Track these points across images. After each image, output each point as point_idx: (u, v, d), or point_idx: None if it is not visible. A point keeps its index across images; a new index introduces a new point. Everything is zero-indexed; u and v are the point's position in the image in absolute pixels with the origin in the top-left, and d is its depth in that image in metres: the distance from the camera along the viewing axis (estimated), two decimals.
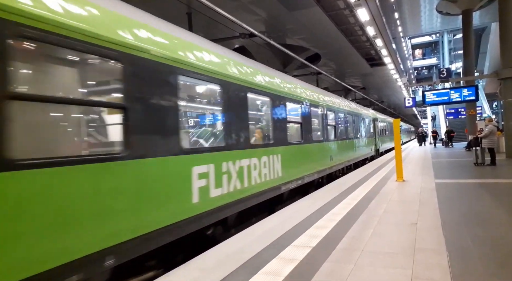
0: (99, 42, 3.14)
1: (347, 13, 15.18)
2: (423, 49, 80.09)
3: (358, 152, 15.27)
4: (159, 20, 4.41)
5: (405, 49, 45.54)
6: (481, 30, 44.00)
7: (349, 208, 6.12)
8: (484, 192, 7.30)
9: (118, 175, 3.24)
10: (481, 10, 25.98)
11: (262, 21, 14.37)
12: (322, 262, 3.55)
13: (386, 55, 20.73)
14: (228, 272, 3.38)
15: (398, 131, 9.95)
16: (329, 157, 10.59)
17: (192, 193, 4.24)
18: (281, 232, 4.74)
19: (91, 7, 3.21)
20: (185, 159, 4.17)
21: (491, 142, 12.46)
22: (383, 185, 8.67)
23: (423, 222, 4.95)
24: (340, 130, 12.26)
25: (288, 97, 7.73)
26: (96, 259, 2.96)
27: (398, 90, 36.02)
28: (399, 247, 3.91)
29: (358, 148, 15.48)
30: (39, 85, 3.25)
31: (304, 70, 19.07)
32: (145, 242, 3.48)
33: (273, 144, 6.83)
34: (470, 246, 3.88)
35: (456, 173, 10.82)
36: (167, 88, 3.96)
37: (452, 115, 31.57)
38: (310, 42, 17.67)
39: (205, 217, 4.47)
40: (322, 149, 10.08)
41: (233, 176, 5.15)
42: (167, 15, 6.55)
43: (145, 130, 3.62)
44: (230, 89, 5.34)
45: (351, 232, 4.60)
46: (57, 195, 2.69)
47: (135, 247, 3.37)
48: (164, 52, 3.98)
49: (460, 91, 18.21)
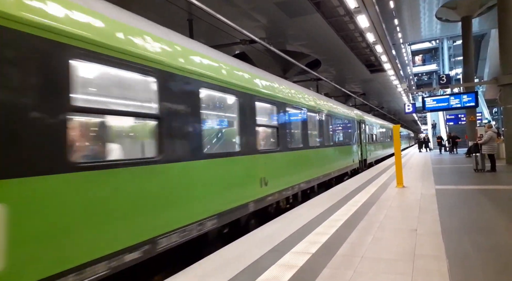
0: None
1: (347, 20, 15.30)
2: (423, 55, 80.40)
3: (325, 166, 10.66)
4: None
5: (405, 55, 45.71)
6: (481, 37, 44.19)
7: (349, 214, 6.11)
8: (484, 198, 7.30)
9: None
10: (481, 17, 26.13)
11: (263, 28, 14.49)
12: (322, 268, 3.55)
13: (386, 61, 20.82)
14: (228, 278, 3.38)
15: (398, 137, 9.97)
16: (260, 181, 6.32)
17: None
18: (281, 238, 4.73)
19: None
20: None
21: (491, 148, 12.46)
22: (383, 191, 8.66)
23: (423, 228, 4.95)
24: (288, 135, 7.85)
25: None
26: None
27: (398, 96, 36.13)
28: (399, 254, 3.90)
29: (326, 161, 10.99)
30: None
31: (304, 76, 19.16)
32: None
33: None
34: (470, 252, 3.88)
35: (456, 179, 10.81)
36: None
37: (452, 121, 31.59)
38: (310, 48, 17.78)
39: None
40: (244, 168, 5.98)
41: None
42: (168, 21, 6.62)
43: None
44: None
45: (351, 238, 4.60)
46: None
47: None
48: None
49: (460, 97, 18.26)
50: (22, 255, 2.48)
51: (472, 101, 17.75)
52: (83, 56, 3.08)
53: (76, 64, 3.03)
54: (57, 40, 2.85)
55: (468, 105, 18.32)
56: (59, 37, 2.86)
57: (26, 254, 2.51)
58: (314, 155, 9.74)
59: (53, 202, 2.73)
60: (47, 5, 2.81)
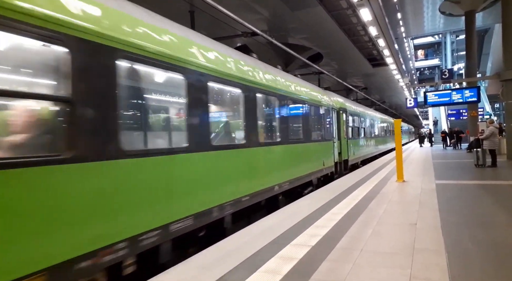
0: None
1: (349, 13, 15.18)
2: (426, 50, 79.98)
3: (270, 176, 6.94)
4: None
5: (407, 50, 45.51)
6: (484, 31, 43.93)
7: (349, 208, 6.13)
8: (484, 193, 7.30)
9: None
10: (484, 11, 25.93)
11: (265, 20, 14.37)
12: (321, 261, 3.56)
13: (388, 55, 20.72)
14: (228, 269, 3.40)
15: (399, 132, 9.95)
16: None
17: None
18: (281, 231, 4.75)
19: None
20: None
21: (492, 143, 12.45)
22: (383, 186, 8.67)
23: (422, 222, 4.96)
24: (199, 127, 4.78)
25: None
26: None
27: (400, 90, 36.02)
28: (398, 247, 3.92)
29: (267, 168, 6.90)
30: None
31: (306, 69, 19.07)
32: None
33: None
34: (470, 247, 3.89)
35: (456, 174, 10.81)
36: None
37: (453, 116, 31.57)
38: (312, 41, 17.66)
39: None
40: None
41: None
42: (169, 13, 6.56)
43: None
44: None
45: (351, 232, 4.61)
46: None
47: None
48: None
49: (462, 92, 18.19)
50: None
51: (474, 97, 17.67)
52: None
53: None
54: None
55: (470, 101, 18.24)
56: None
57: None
58: (256, 154, 6.40)
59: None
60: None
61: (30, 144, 2.84)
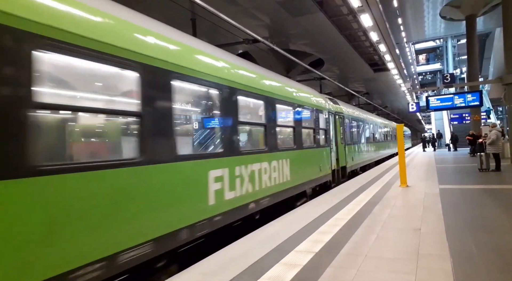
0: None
1: (350, 19, 15.26)
2: (427, 55, 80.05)
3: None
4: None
5: (408, 55, 45.50)
6: (485, 36, 43.92)
7: (353, 213, 6.11)
8: (488, 198, 7.26)
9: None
10: (485, 15, 25.96)
11: (266, 27, 14.48)
12: (325, 267, 3.55)
13: (389, 60, 20.73)
14: (232, 276, 3.39)
15: (401, 137, 9.94)
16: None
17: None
18: (285, 237, 4.74)
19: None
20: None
21: (496, 147, 12.39)
22: (387, 191, 8.64)
23: (426, 227, 4.93)
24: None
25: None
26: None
27: (402, 95, 35.97)
28: (402, 253, 3.90)
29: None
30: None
31: (307, 75, 19.14)
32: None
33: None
34: (474, 252, 3.86)
35: (460, 179, 10.76)
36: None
37: (456, 120, 31.51)
38: (313, 47, 17.75)
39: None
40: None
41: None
42: (171, 21, 6.64)
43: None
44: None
45: (355, 237, 4.59)
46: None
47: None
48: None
49: (464, 96, 18.13)
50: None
51: (476, 101, 17.62)
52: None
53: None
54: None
55: (472, 105, 18.19)
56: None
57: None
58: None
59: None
60: None
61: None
